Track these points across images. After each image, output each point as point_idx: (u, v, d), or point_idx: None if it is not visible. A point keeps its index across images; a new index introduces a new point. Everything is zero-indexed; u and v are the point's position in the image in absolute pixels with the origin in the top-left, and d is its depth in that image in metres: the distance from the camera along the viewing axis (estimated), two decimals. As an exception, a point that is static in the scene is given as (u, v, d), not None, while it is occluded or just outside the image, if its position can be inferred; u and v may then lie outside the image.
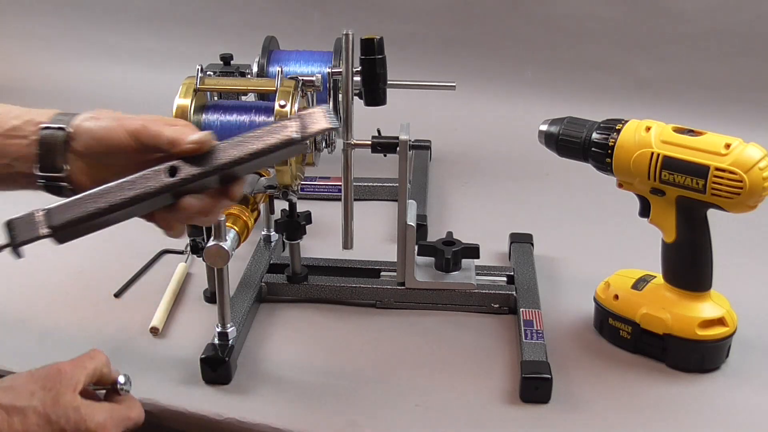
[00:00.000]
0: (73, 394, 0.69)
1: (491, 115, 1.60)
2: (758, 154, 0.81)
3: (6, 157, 0.74)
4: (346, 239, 0.98)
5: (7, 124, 0.75)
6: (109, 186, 0.70)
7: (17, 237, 0.70)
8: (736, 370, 0.89)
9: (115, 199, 0.69)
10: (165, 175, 0.69)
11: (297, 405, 0.84)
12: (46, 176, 0.74)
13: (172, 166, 0.69)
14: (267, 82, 0.98)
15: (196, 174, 0.69)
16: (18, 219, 0.71)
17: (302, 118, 0.70)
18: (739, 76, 1.54)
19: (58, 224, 0.70)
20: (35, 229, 0.70)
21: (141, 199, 0.69)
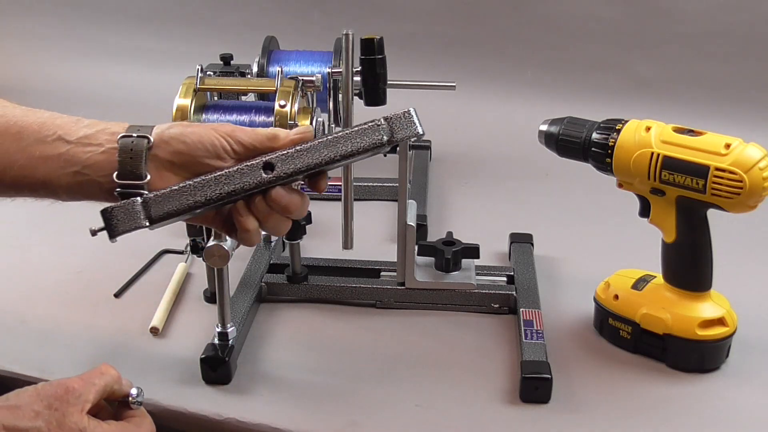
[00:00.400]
0: (80, 415, 0.67)
1: (491, 115, 1.60)
2: (758, 154, 0.81)
3: (77, 164, 0.73)
4: (346, 239, 0.98)
5: (78, 132, 0.74)
6: (206, 179, 0.70)
7: (117, 227, 0.71)
8: (736, 370, 0.89)
9: (213, 193, 0.70)
10: (261, 171, 0.70)
11: (297, 405, 0.84)
12: (125, 184, 0.72)
13: (268, 162, 0.70)
14: (267, 82, 0.98)
15: (292, 171, 0.70)
16: (117, 207, 0.70)
17: (391, 122, 0.71)
18: (739, 76, 1.54)
19: (157, 216, 0.71)
20: (135, 221, 0.70)
21: (237, 193, 0.70)
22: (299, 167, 0.70)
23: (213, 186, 0.70)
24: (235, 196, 0.70)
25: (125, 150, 0.72)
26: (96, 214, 0.69)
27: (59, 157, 0.73)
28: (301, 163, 0.70)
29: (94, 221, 1.23)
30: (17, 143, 0.74)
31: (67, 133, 0.74)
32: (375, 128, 0.71)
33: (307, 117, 0.96)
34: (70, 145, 0.73)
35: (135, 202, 0.70)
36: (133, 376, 0.82)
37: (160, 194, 0.70)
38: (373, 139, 0.71)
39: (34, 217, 1.22)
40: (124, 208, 0.70)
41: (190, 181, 0.71)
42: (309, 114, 0.97)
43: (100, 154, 0.73)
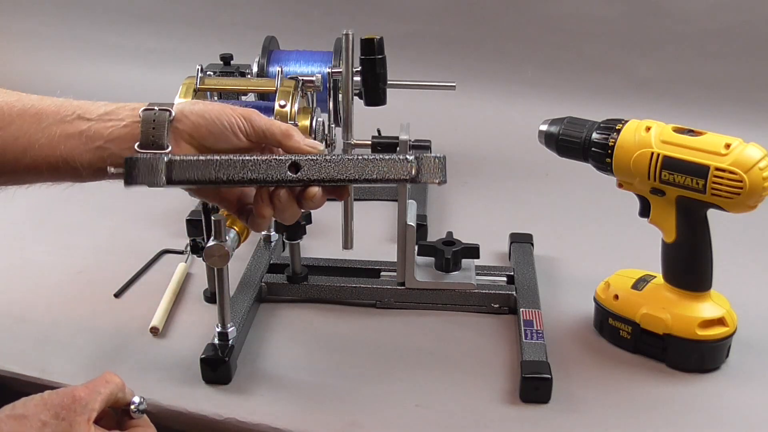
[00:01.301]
0: (86, 425, 0.67)
1: (491, 115, 1.60)
2: (758, 154, 0.81)
3: (99, 139, 0.73)
4: (346, 239, 0.98)
5: (98, 110, 0.75)
6: (232, 159, 0.71)
7: (136, 177, 0.71)
8: (736, 370, 0.89)
9: (237, 175, 0.71)
10: (287, 169, 0.71)
11: (297, 405, 0.84)
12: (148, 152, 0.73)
13: (295, 162, 0.71)
14: (267, 82, 0.98)
15: (315, 178, 0.71)
16: (142, 159, 0.71)
17: (420, 162, 0.72)
18: (739, 76, 1.54)
19: (177, 179, 0.71)
20: (154, 177, 0.71)
21: (258, 182, 0.71)
22: (323, 177, 0.72)
23: (239, 168, 0.71)
24: (254, 184, 0.72)
25: (148, 121, 0.73)
26: (95, 214, 0.69)
27: (81, 134, 0.73)
28: (326, 173, 0.71)
29: (94, 221, 1.23)
30: (37, 124, 0.74)
31: (87, 112, 0.74)
32: (404, 163, 0.72)
33: (307, 117, 0.96)
34: (92, 122, 0.74)
35: (161, 159, 0.71)
36: (133, 376, 0.82)
37: (186, 159, 0.71)
38: (399, 173, 0.72)
39: (34, 217, 1.22)
40: (148, 161, 0.71)
41: (218, 157, 0.71)
42: (309, 114, 0.97)
43: (122, 128, 0.74)
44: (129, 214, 1.22)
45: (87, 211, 1.21)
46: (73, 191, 0.78)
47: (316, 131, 0.97)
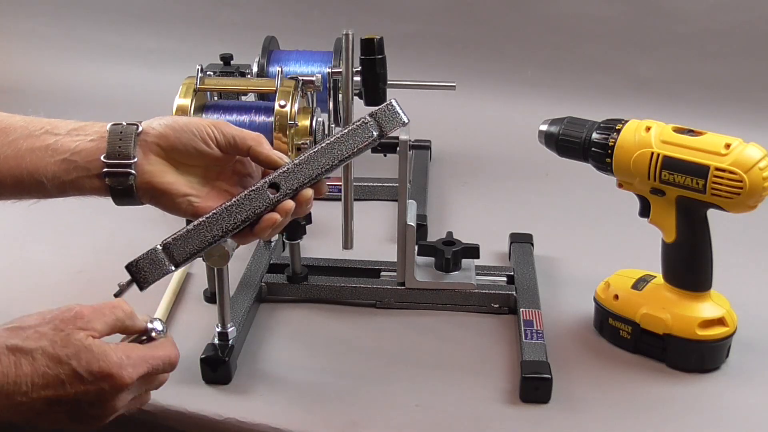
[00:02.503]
0: (85, 335, 0.65)
1: (491, 115, 1.60)
2: (758, 154, 0.81)
3: (65, 152, 0.74)
4: (346, 239, 0.98)
5: (67, 127, 0.76)
6: (218, 212, 0.73)
7: (147, 277, 0.73)
8: (736, 370, 0.89)
9: (229, 224, 0.73)
10: (268, 192, 0.73)
11: (297, 405, 0.84)
12: (113, 164, 0.74)
13: (273, 182, 0.73)
14: (267, 82, 0.98)
15: (297, 186, 0.73)
16: (141, 259, 0.73)
17: (377, 117, 0.75)
18: (739, 76, 1.54)
19: (181, 258, 0.73)
20: (162, 267, 0.73)
21: (251, 219, 0.73)
22: (302, 180, 0.73)
23: (227, 217, 0.73)
24: (250, 220, 0.73)
25: (115, 133, 0.74)
26: (95, 214, 0.69)
27: (47, 147, 0.74)
28: (303, 175, 0.73)
29: (94, 221, 1.23)
30: (3, 137, 0.75)
31: (55, 128, 0.75)
32: (364, 126, 0.74)
33: (307, 117, 0.96)
34: (59, 137, 0.75)
35: (156, 250, 0.73)
36: (133, 376, 0.82)
37: (178, 236, 0.73)
38: (365, 138, 0.74)
39: (34, 217, 1.22)
40: (147, 258, 0.73)
41: (204, 217, 0.73)
42: (309, 114, 0.97)
43: (88, 142, 0.74)
44: (129, 214, 1.21)
45: (87, 211, 1.20)
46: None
47: (316, 131, 0.97)
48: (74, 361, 0.63)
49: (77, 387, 0.63)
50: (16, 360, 0.63)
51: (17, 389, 0.62)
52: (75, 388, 0.63)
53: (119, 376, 0.64)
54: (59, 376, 0.63)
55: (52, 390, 0.63)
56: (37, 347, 0.64)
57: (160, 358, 0.69)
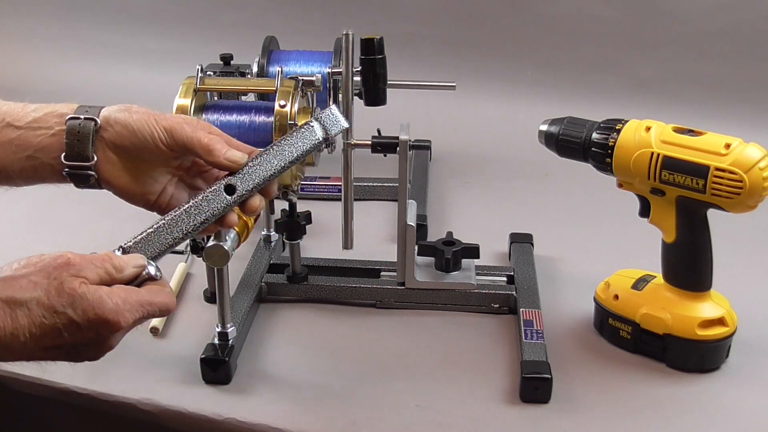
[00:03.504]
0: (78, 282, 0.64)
1: (491, 115, 1.60)
2: (758, 154, 0.81)
3: (29, 148, 0.74)
4: (346, 239, 0.98)
5: (27, 117, 0.75)
6: (176, 214, 0.73)
7: None
8: (736, 370, 0.89)
9: (188, 226, 0.74)
10: (225, 194, 0.74)
11: (297, 405, 0.84)
12: (73, 165, 0.74)
13: (228, 185, 0.74)
14: (267, 82, 0.98)
15: (252, 186, 0.75)
16: None
17: (321, 120, 0.78)
18: (739, 76, 1.54)
19: None
20: None
21: (209, 221, 0.74)
22: (257, 181, 0.75)
23: (186, 219, 0.74)
24: (209, 222, 0.74)
25: (72, 132, 0.73)
26: (95, 214, 0.69)
27: (11, 142, 0.74)
28: (257, 177, 0.75)
29: (94, 221, 1.22)
30: None
31: (16, 119, 0.75)
32: (310, 130, 0.77)
33: (307, 117, 0.96)
34: (21, 131, 0.74)
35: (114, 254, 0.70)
36: (133, 376, 0.82)
37: (138, 239, 0.73)
38: (312, 140, 0.77)
39: (34, 217, 1.22)
40: None
41: (162, 221, 0.73)
42: (309, 114, 0.97)
43: (50, 137, 0.74)
44: (129, 213, 1.22)
45: (87, 211, 1.21)
46: (73, 191, 0.78)
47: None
48: (70, 310, 0.63)
49: (75, 335, 0.63)
50: (12, 312, 0.62)
51: (15, 340, 0.62)
52: (72, 336, 0.63)
53: (115, 321, 0.64)
54: (56, 325, 0.62)
55: (50, 339, 0.63)
56: (32, 298, 0.62)
57: (156, 305, 0.68)
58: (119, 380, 0.86)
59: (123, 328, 0.65)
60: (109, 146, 0.74)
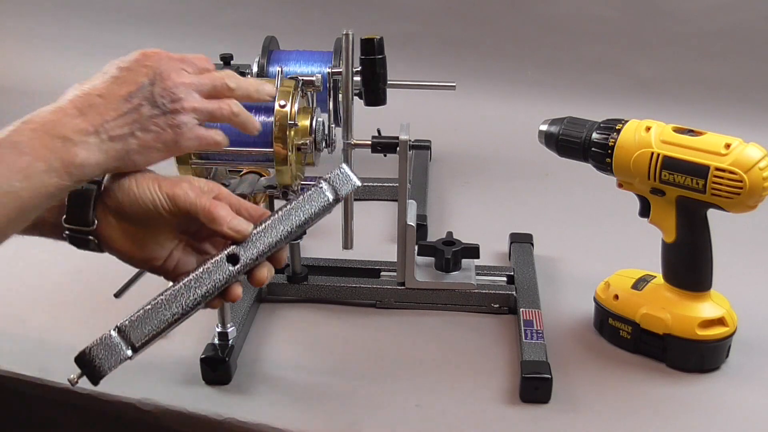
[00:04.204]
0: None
1: (491, 115, 1.60)
2: (758, 154, 0.81)
3: None
4: (346, 239, 0.98)
5: None
6: (176, 288, 0.70)
7: (101, 367, 0.68)
8: (736, 370, 0.89)
9: (188, 301, 0.70)
10: (227, 265, 0.70)
11: (297, 405, 0.84)
12: (73, 228, 0.72)
13: (231, 254, 0.71)
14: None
15: (256, 256, 0.71)
16: (95, 347, 0.68)
17: (331, 181, 0.74)
18: (739, 76, 1.54)
19: (139, 342, 0.69)
20: (118, 354, 0.68)
21: (211, 293, 0.70)
22: (262, 250, 0.71)
23: (185, 293, 0.70)
24: (211, 295, 0.70)
25: (74, 195, 0.71)
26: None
27: None
28: (262, 245, 0.71)
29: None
30: None
31: None
32: (319, 192, 0.73)
33: (307, 117, 0.96)
34: None
35: (110, 335, 0.68)
36: (132, 375, 0.82)
37: (134, 317, 0.69)
38: (321, 203, 0.73)
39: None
40: (101, 344, 0.68)
41: (162, 296, 0.70)
42: (309, 114, 0.97)
43: None
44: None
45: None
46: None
47: (316, 131, 0.97)
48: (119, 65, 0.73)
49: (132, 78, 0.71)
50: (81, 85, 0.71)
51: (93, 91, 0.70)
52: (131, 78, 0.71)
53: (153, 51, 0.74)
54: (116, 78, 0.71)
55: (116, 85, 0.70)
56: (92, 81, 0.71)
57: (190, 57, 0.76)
58: (119, 380, 0.86)
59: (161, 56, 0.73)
60: (110, 211, 0.72)
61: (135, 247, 0.73)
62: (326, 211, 0.74)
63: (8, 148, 0.63)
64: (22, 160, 0.63)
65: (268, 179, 1.02)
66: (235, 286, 0.72)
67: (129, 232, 0.72)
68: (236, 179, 1.02)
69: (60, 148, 0.65)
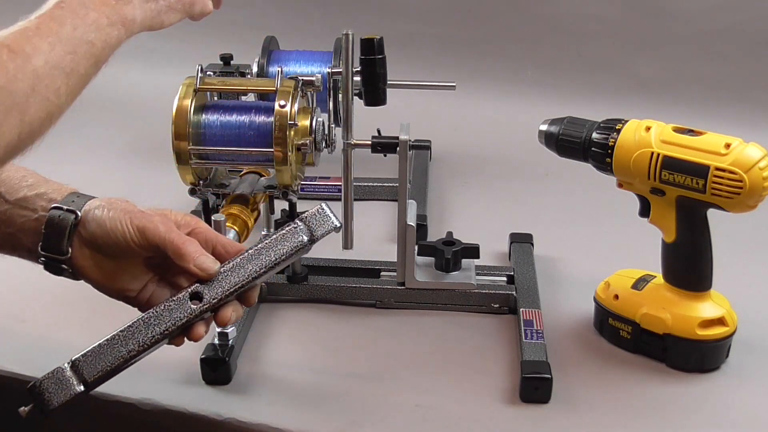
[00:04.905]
0: None
1: (491, 115, 1.60)
2: (758, 154, 0.81)
3: (12, 226, 0.74)
4: (346, 239, 0.98)
5: (18, 193, 0.75)
6: (134, 324, 0.69)
7: (50, 400, 0.67)
8: (736, 370, 0.89)
9: (146, 338, 0.68)
10: (189, 303, 0.69)
11: (297, 405, 0.84)
12: (48, 256, 0.73)
13: (194, 292, 0.69)
14: (267, 82, 0.98)
15: (221, 296, 0.69)
16: (46, 379, 0.67)
17: (307, 221, 0.72)
18: (739, 76, 1.54)
19: (92, 378, 0.68)
20: (68, 389, 0.67)
21: (171, 331, 0.69)
22: (228, 289, 0.70)
23: (143, 330, 0.68)
24: (169, 334, 0.69)
25: (51, 223, 0.73)
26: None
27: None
28: (228, 284, 0.70)
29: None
30: None
31: (9, 191, 0.75)
32: (294, 231, 0.72)
33: (307, 117, 0.96)
34: (9, 206, 0.74)
35: (63, 369, 0.67)
36: (132, 375, 0.82)
37: (88, 352, 0.68)
38: (294, 243, 0.71)
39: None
40: (53, 378, 0.67)
41: (118, 330, 0.68)
42: (309, 114, 0.97)
43: (32, 221, 0.74)
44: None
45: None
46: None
47: (316, 131, 0.97)
48: None
49: None
50: None
51: None
52: None
53: None
54: None
55: None
56: None
57: None
58: (119, 380, 0.86)
59: None
60: (84, 242, 0.73)
61: (108, 278, 0.74)
62: (300, 252, 0.72)
63: (77, 4, 0.69)
64: (90, 15, 0.69)
65: (268, 179, 1.02)
66: (198, 326, 0.72)
67: (102, 263, 0.74)
68: (236, 179, 1.02)
69: (115, 5, 0.71)
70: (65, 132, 0.72)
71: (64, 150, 1.42)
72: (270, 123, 0.94)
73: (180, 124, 0.94)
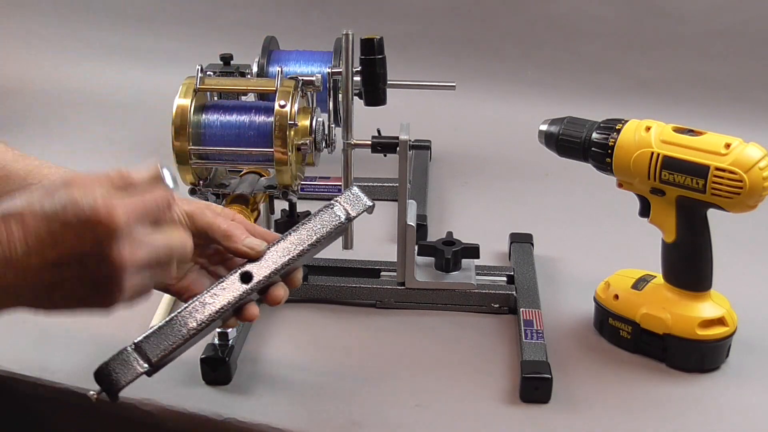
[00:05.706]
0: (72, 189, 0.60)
1: (491, 115, 1.60)
2: (758, 154, 0.81)
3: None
4: (346, 239, 0.98)
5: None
6: (190, 305, 0.71)
7: (119, 380, 0.69)
8: (736, 370, 0.89)
9: (204, 316, 0.71)
10: (240, 283, 0.72)
11: (297, 405, 0.84)
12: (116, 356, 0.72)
13: (244, 272, 0.72)
14: (267, 82, 0.98)
15: (270, 274, 0.72)
16: (112, 361, 0.69)
17: (342, 202, 0.75)
18: (739, 76, 1.54)
19: (157, 358, 0.70)
20: (134, 368, 0.69)
21: (225, 310, 0.71)
22: (275, 268, 0.73)
23: (200, 309, 0.71)
24: (224, 312, 0.72)
25: None
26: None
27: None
28: (275, 263, 0.73)
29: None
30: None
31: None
32: (331, 212, 0.75)
33: (307, 117, 0.97)
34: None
35: (127, 351, 0.69)
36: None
37: (150, 334, 0.70)
38: (333, 223, 0.75)
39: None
40: (118, 359, 0.69)
41: (176, 313, 0.71)
42: (309, 114, 0.97)
43: None
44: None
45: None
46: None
47: (316, 131, 0.97)
48: (60, 212, 0.59)
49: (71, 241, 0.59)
50: (6, 226, 0.59)
51: (14, 254, 0.59)
52: (70, 241, 0.59)
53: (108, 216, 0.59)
54: (51, 231, 0.59)
55: (49, 249, 0.59)
56: (25, 207, 0.60)
57: (153, 198, 0.64)
58: (119, 380, 0.86)
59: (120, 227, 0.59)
60: None
61: None
62: (338, 231, 0.75)
63: None
64: None
65: (268, 179, 1.02)
66: (251, 306, 0.74)
67: None
68: (236, 179, 1.02)
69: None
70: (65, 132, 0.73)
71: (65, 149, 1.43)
72: (270, 123, 0.94)
73: (180, 124, 0.94)
